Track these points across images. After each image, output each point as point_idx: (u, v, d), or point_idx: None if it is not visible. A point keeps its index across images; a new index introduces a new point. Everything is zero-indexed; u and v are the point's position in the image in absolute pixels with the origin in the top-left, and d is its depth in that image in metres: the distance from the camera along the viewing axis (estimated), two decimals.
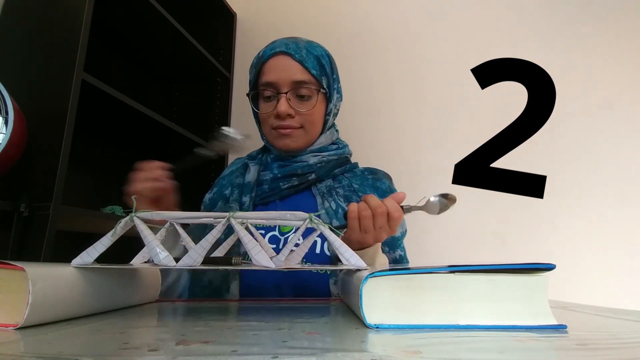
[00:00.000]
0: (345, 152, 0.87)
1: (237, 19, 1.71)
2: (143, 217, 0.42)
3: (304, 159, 0.82)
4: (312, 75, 0.78)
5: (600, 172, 1.31)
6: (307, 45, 0.80)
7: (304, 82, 0.78)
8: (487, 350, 0.27)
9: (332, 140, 0.86)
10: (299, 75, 0.77)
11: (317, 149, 0.83)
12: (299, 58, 0.77)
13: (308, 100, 0.79)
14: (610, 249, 1.26)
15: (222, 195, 0.83)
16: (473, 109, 1.41)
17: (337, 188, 0.81)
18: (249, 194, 0.80)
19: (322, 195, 0.80)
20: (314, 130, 0.82)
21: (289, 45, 0.79)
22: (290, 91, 0.77)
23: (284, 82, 0.77)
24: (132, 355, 0.25)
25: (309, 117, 0.79)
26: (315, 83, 0.79)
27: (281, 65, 0.78)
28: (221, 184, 0.87)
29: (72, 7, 0.99)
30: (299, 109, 0.78)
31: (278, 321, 0.38)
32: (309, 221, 0.41)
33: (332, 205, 0.78)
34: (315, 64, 0.79)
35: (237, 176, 0.85)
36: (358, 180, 0.83)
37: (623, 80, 1.34)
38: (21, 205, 0.86)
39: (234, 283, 0.73)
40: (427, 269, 0.35)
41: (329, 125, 0.85)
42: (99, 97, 1.04)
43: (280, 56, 0.78)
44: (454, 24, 1.50)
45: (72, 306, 0.37)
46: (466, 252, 1.34)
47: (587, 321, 0.40)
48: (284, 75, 0.77)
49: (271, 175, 0.81)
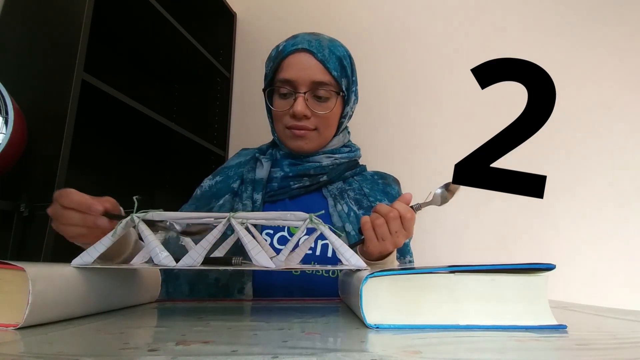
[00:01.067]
0: (357, 155, 0.86)
1: (237, 19, 1.71)
2: (143, 217, 0.42)
3: (317, 159, 0.80)
4: (333, 76, 0.75)
5: (601, 172, 1.31)
6: (330, 44, 0.78)
7: (324, 83, 0.75)
8: (487, 350, 0.27)
9: (344, 143, 0.85)
10: (319, 76, 0.75)
11: (330, 150, 0.82)
12: (321, 57, 0.75)
13: (326, 102, 0.76)
14: (610, 249, 1.26)
15: (230, 188, 0.80)
16: (474, 109, 1.41)
17: (348, 191, 0.81)
18: (261, 191, 0.78)
19: (333, 197, 0.79)
20: (328, 133, 0.80)
21: (312, 42, 0.76)
22: (309, 91, 0.75)
23: (303, 82, 0.74)
24: (132, 355, 0.25)
25: (324, 119, 0.77)
26: (335, 85, 0.76)
27: (302, 63, 0.75)
28: (227, 174, 0.84)
29: (72, 7, 0.99)
30: (316, 110, 0.76)
31: (278, 321, 0.38)
32: (309, 221, 0.41)
33: (345, 209, 0.77)
34: (337, 65, 0.77)
35: (248, 170, 0.82)
36: (369, 185, 0.83)
37: (623, 80, 1.35)
38: (21, 205, 0.86)
39: (248, 285, 0.72)
40: (427, 269, 0.35)
41: (343, 128, 0.84)
42: (99, 97, 1.04)
43: (301, 53, 0.75)
44: (454, 24, 1.50)
45: (72, 306, 0.37)
46: (466, 252, 1.34)
47: (587, 321, 0.40)
48: (303, 74, 0.74)
49: (282, 173, 0.79)
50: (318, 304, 0.55)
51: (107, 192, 0.58)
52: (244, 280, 0.72)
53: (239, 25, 1.71)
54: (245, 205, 0.77)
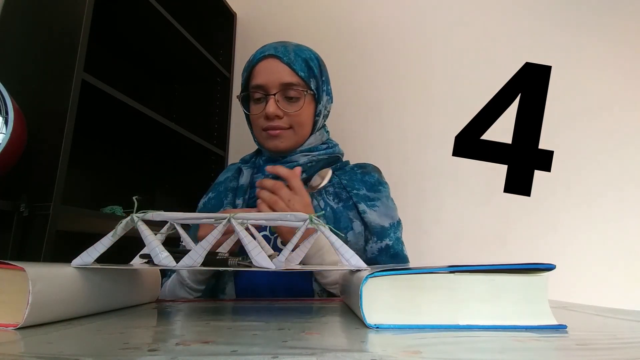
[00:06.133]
0: (336, 151, 0.87)
1: (237, 19, 1.71)
2: (143, 217, 0.42)
3: (294, 158, 0.82)
4: (300, 77, 0.79)
5: (601, 173, 1.31)
6: (295, 48, 0.82)
7: (292, 84, 0.79)
8: (487, 350, 0.27)
9: (322, 141, 0.87)
10: (287, 78, 0.79)
11: (307, 149, 0.84)
12: (287, 61, 0.79)
13: (296, 101, 0.80)
14: (610, 249, 1.26)
15: (224, 204, 0.84)
16: (474, 109, 1.41)
17: (328, 187, 0.82)
18: (242, 197, 0.82)
19: (311, 194, 0.80)
20: (303, 131, 0.83)
21: (278, 48, 0.81)
22: (279, 93, 0.79)
23: (273, 84, 0.79)
24: (132, 355, 0.25)
25: (296, 117, 0.80)
26: (303, 85, 0.80)
27: (270, 68, 0.80)
28: (218, 190, 0.88)
29: (72, 7, 0.99)
30: (287, 110, 0.80)
31: (278, 321, 0.38)
32: (309, 222, 0.41)
33: (321, 204, 0.79)
34: (304, 66, 0.80)
35: (231, 180, 0.87)
36: (347, 176, 0.84)
37: (624, 80, 1.35)
38: (21, 205, 0.86)
39: (229, 285, 0.74)
40: (427, 269, 0.35)
41: (319, 126, 0.86)
42: (99, 97, 1.04)
43: (269, 59, 0.80)
44: (455, 24, 1.49)
45: (72, 306, 0.37)
46: (466, 252, 1.34)
47: (587, 321, 0.40)
48: (272, 77, 0.79)
49: (262, 176, 0.82)
50: (318, 304, 0.55)
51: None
52: (225, 280, 0.74)
53: (239, 25, 1.71)
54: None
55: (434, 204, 1.37)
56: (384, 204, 0.82)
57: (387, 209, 0.82)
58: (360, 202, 0.79)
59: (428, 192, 1.38)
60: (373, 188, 0.83)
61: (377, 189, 0.83)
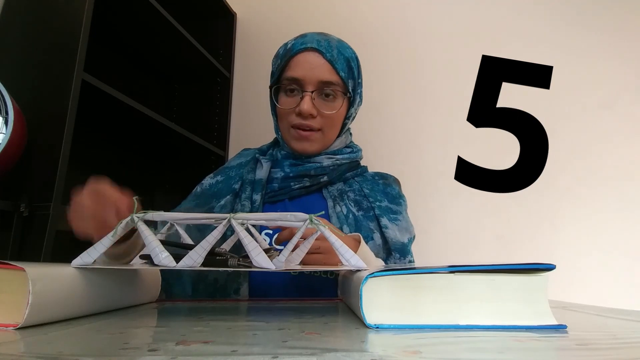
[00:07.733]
0: (359, 156, 0.86)
1: (237, 19, 1.71)
2: (143, 218, 0.42)
3: (318, 160, 0.80)
4: (340, 77, 0.76)
5: (601, 172, 1.31)
6: (338, 45, 0.78)
7: (331, 83, 0.76)
8: (487, 350, 0.27)
9: (346, 144, 0.85)
10: (327, 76, 0.75)
11: (332, 151, 0.82)
12: (330, 57, 0.75)
13: (332, 102, 0.77)
14: (610, 249, 1.26)
15: (231, 189, 0.80)
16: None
17: (348, 192, 0.81)
18: (260, 192, 0.78)
19: (333, 198, 0.79)
20: (332, 134, 0.80)
21: (321, 42, 0.76)
22: (316, 91, 0.75)
23: (311, 81, 0.75)
24: (132, 355, 0.25)
25: (330, 120, 0.77)
26: (341, 86, 0.77)
27: (310, 62, 0.75)
28: (228, 174, 0.84)
29: (72, 7, 0.99)
30: (323, 110, 0.76)
31: (278, 321, 0.38)
32: (309, 222, 0.41)
33: (343, 210, 0.77)
34: (345, 66, 0.77)
35: (248, 171, 0.82)
36: (369, 185, 0.83)
37: (624, 79, 1.34)
38: (21, 205, 0.86)
39: (244, 286, 0.72)
40: (427, 269, 0.35)
41: (346, 129, 0.84)
42: (99, 97, 1.04)
43: (310, 52, 0.76)
44: (454, 24, 1.49)
45: (72, 306, 0.37)
46: (466, 252, 1.34)
47: (587, 321, 0.40)
48: (311, 73, 0.75)
49: (282, 173, 0.79)
50: (318, 304, 0.55)
51: None
52: (239, 281, 0.72)
53: (239, 25, 1.71)
54: (244, 205, 0.77)
55: (434, 204, 1.37)
56: (405, 218, 0.81)
57: (407, 223, 0.81)
58: (382, 215, 0.78)
59: (428, 192, 1.38)
60: (395, 201, 0.82)
61: (398, 202, 0.82)
